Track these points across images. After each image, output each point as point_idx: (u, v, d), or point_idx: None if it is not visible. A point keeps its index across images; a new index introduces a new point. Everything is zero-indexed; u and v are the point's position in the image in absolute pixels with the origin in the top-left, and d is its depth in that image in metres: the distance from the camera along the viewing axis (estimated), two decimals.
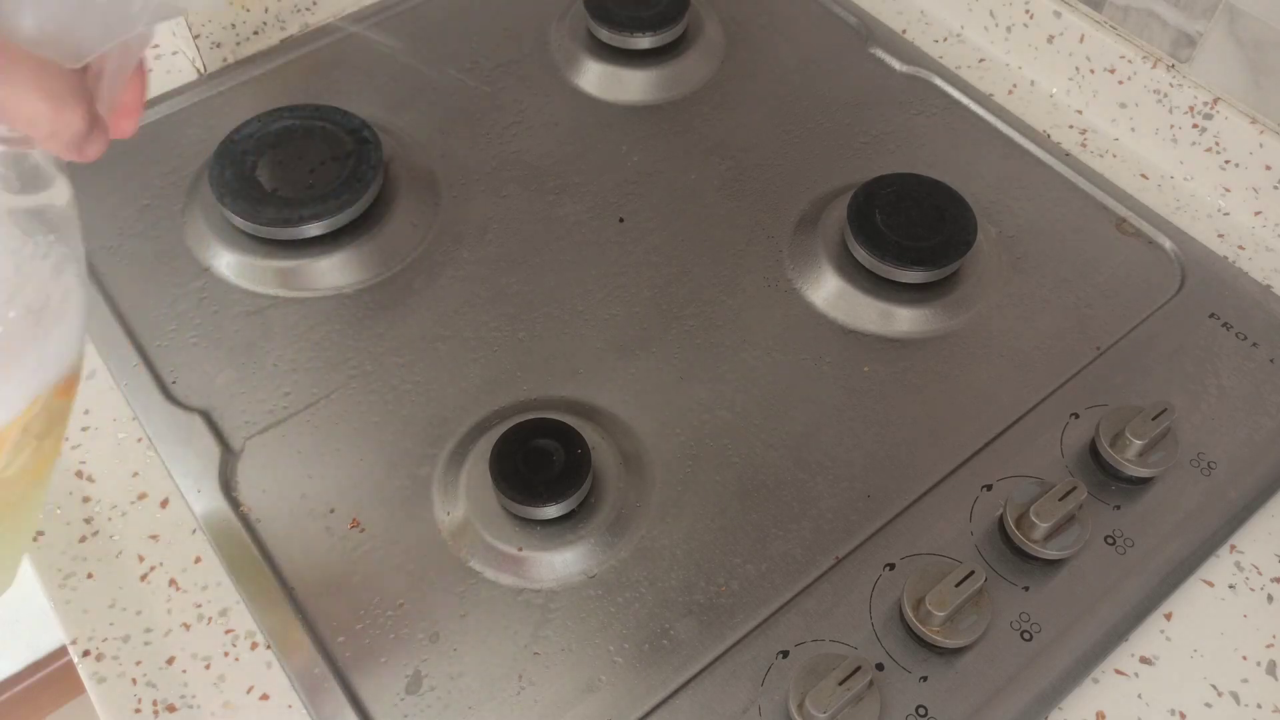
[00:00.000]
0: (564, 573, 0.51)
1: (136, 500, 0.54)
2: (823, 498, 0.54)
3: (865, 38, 0.77)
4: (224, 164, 0.64)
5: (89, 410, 0.57)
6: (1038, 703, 0.48)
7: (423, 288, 0.63)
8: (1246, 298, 0.63)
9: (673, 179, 0.67)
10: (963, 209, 0.63)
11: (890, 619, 0.50)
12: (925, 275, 0.61)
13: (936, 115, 0.73)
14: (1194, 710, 0.49)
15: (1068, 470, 0.55)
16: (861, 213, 0.62)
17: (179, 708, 0.48)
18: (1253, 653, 0.51)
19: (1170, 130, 0.70)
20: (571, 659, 0.49)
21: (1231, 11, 0.64)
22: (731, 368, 0.59)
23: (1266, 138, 0.65)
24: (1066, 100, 0.75)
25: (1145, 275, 0.64)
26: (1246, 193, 0.68)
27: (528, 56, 0.76)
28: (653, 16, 0.74)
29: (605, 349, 0.60)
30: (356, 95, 0.72)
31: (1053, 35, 0.74)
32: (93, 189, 0.66)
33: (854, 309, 0.62)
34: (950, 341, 0.61)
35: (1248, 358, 0.60)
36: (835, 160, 0.70)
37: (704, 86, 0.74)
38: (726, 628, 0.50)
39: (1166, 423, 0.53)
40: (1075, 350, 0.60)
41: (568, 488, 0.51)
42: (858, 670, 0.45)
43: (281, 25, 0.77)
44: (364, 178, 0.64)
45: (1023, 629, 0.50)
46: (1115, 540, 0.52)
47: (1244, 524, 0.54)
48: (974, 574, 0.47)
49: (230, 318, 0.61)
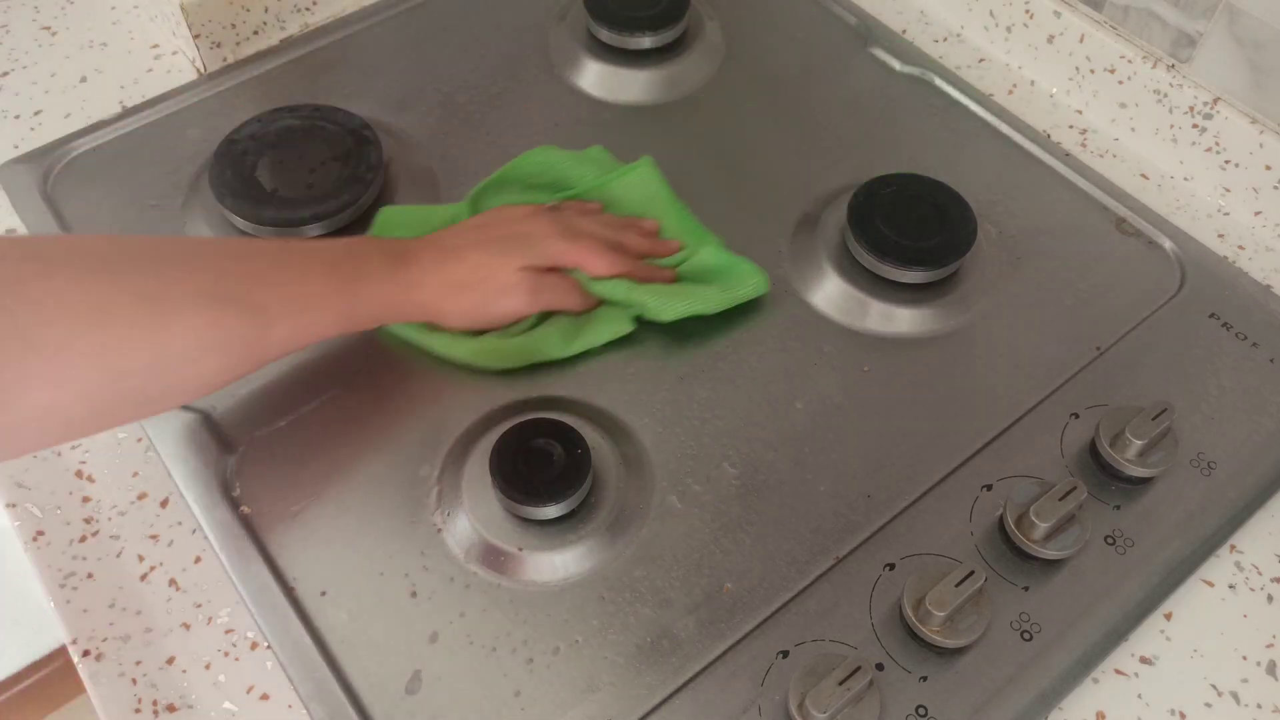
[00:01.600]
0: (564, 573, 0.51)
1: (136, 500, 0.54)
2: (823, 498, 0.54)
3: (865, 38, 0.77)
4: (224, 164, 0.64)
5: None
6: (1038, 703, 0.48)
7: None
8: (1246, 298, 0.63)
9: (673, 179, 0.67)
10: (963, 209, 0.63)
11: (890, 619, 0.50)
12: (925, 275, 0.61)
13: (936, 115, 0.73)
14: (1194, 710, 0.49)
15: (1068, 470, 0.55)
16: (861, 213, 0.62)
17: (179, 707, 0.48)
18: (1253, 653, 0.51)
19: (1170, 130, 0.70)
20: (571, 659, 0.49)
21: (1231, 11, 0.64)
22: (731, 367, 0.59)
23: (1266, 138, 0.65)
24: (1066, 100, 0.75)
25: (1145, 275, 0.64)
26: (1246, 193, 0.68)
27: (528, 56, 0.76)
28: (653, 16, 0.74)
29: (605, 349, 0.60)
30: (356, 95, 0.72)
31: (1053, 35, 0.74)
32: (93, 189, 0.66)
33: (854, 309, 0.62)
34: (950, 341, 0.61)
35: (1248, 358, 0.60)
36: (835, 160, 0.70)
37: (704, 86, 0.74)
38: (726, 628, 0.50)
39: (1166, 423, 0.53)
40: (1075, 350, 0.60)
41: (568, 488, 0.51)
42: (858, 670, 0.45)
43: (281, 25, 0.77)
44: (364, 178, 0.64)
45: (1023, 629, 0.49)
46: (1115, 540, 0.52)
47: (1244, 524, 0.54)
48: (974, 574, 0.47)
49: None
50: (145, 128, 0.70)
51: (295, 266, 0.51)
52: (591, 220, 0.62)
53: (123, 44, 0.77)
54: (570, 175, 0.66)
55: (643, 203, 0.65)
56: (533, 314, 0.59)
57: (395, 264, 0.55)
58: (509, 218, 0.60)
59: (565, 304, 0.59)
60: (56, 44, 0.77)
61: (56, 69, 0.75)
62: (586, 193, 0.65)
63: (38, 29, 0.78)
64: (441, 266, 0.56)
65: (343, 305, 0.53)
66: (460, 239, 0.58)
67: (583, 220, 0.61)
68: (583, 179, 0.66)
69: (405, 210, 0.63)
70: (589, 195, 0.65)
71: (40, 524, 0.53)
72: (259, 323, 0.49)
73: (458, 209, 0.63)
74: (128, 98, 0.73)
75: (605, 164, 0.67)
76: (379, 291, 0.54)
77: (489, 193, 0.65)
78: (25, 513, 0.54)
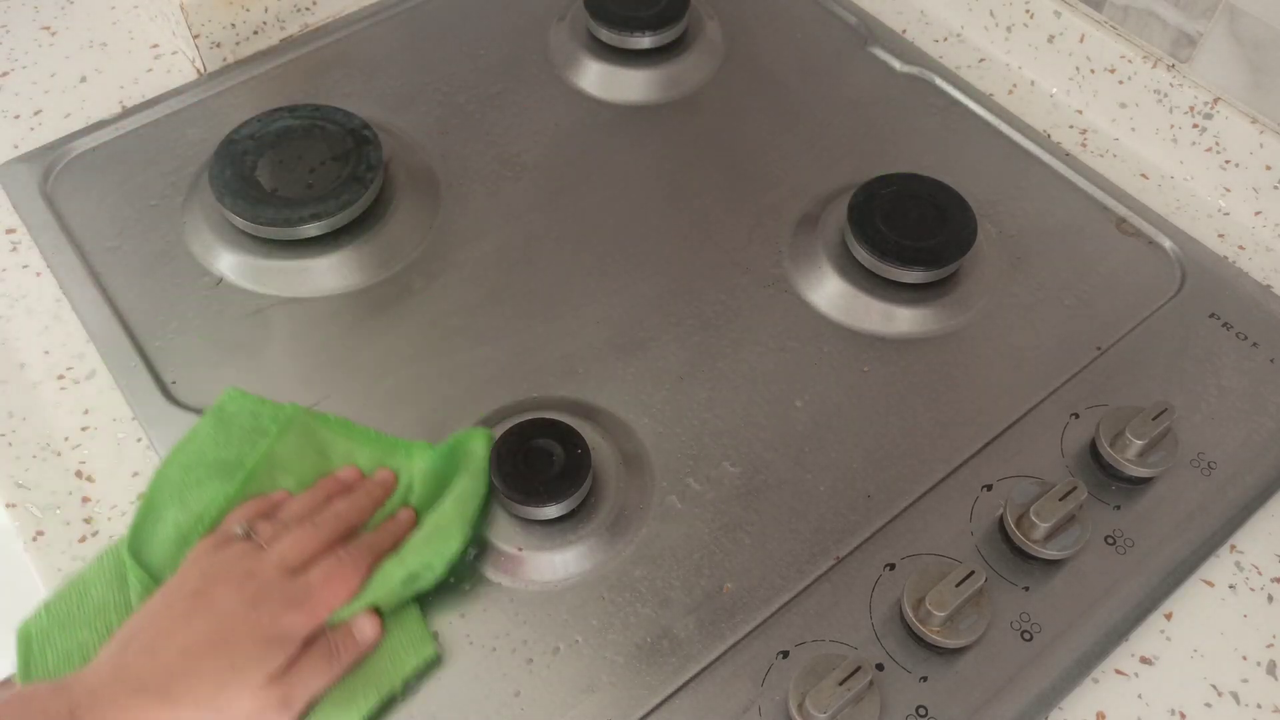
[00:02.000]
0: (564, 573, 0.51)
1: (136, 500, 0.54)
2: (823, 498, 0.54)
3: (865, 38, 0.77)
4: (224, 164, 0.64)
5: (89, 410, 0.58)
6: (1038, 703, 0.48)
7: (422, 288, 0.63)
8: (1246, 298, 0.63)
9: (673, 179, 0.67)
10: (963, 209, 0.63)
11: (890, 619, 0.50)
12: (925, 275, 0.61)
13: (936, 115, 0.73)
14: (1194, 710, 0.49)
15: (1068, 470, 0.55)
16: (861, 213, 0.62)
17: None
18: (1253, 653, 0.51)
19: (1170, 130, 0.70)
20: (571, 659, 0.49)
21: (1231, 11, 0.64)
22: (731, 367, 0.59)
23: (1266, 138, 0.65)
24: (1066, 100, 0.75)
25: (1145, 275, 0.64)
26: (1246, 193, 0.68)
27: (528, 56, 0.76)
28: (653, 16, 0.74)
29: (605, 349, 0.60)
30: (356, 95, 0.72)
31: (1053, 35, 0.74)
32: (93, 189, 0.66)
33: (854, 309, 0.61)
34: (950, 341, 0.61)
35: (1248, 358, 0.60)
36: (835, 160, 0.70)
37: (704, 86, 0.74)
38: (726, 628, 0.50)
39: (1166, 423, 0.53)
40: (1075, 350, 0.60)
41: (568, 488, 0.51)
42: (858, 670, 0.45)
43: (281, 25, 0.77)
44: (364, 178, 0.64)
45: (1023, 629, 0.49)
46: (1115, 540, 0.52)
47: (1244, 524, 0.54)
48: (974, 574, 0.47)
49: (230, 318, 0.61)
50: (145, 127, 0.70)
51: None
52: (291, 545, 0.47)
53: (123, 44, 0.77)
54: (229, 462, 0.52)
55: (317, 453, 0.54)
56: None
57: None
58: (204, 602, 0.44)
59: (326, 681, 0.45)
60: (56, 44, 0.77)
61: (56, 69, 0.75)
62: (255, 476, 0.52)
63: (37, 29, 0.78)
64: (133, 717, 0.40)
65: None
66: (153, 660, 0.42)
67: (288, 554, 0.46)
68: (243, 456, 0.52)
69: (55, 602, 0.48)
70: (260, 478, 0.52)
71: (40, 524, 0.53)
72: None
73: (116, 559, 0.49)
74: (128, 98, 0.73)
75: (262, 421, 0.54)
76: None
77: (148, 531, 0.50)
78: (25, 513, 0.54)
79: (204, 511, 0.50)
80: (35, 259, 0.64)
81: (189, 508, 0.51)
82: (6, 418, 0.57)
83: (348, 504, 0.50)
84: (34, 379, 0.59)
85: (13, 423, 0.57)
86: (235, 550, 0.47)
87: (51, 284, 0.63)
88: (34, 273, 0.63)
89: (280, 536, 0.47)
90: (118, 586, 0.48)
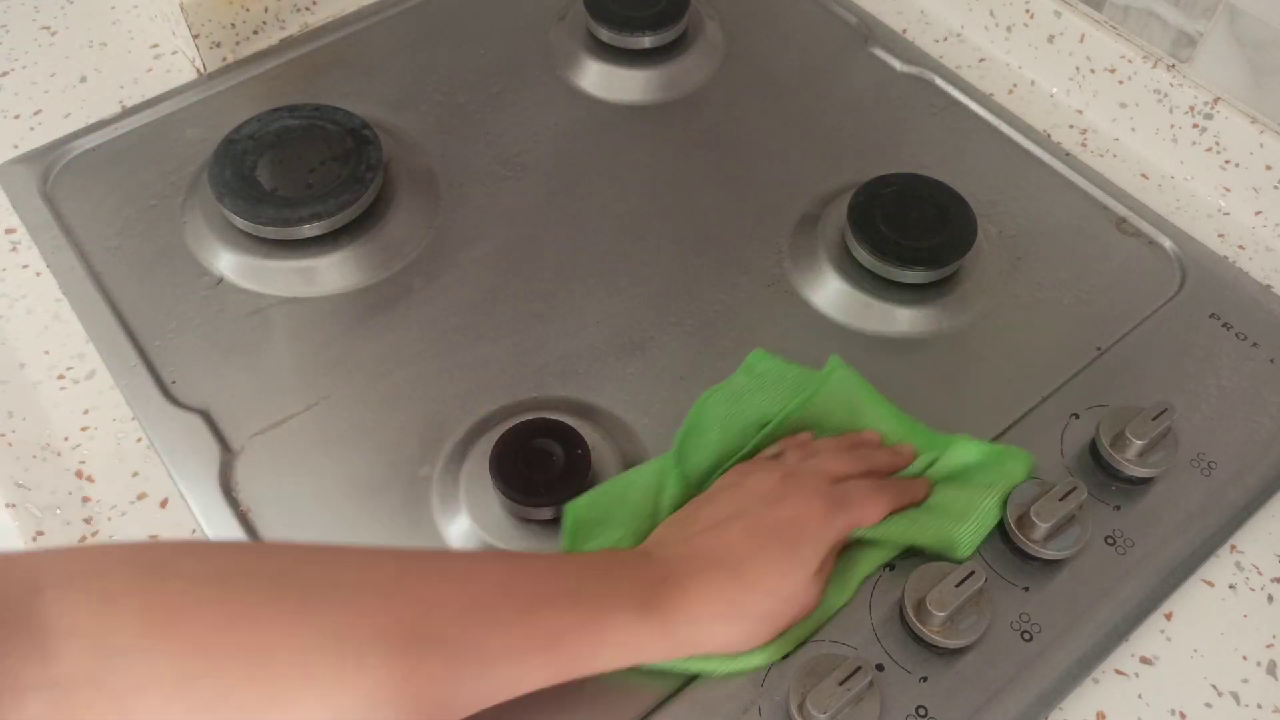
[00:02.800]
0: None
1: (136, 500, 0.54)
2: None
3: (865, 38, 0.77)
4: (224, 164, 0.64)
5: (89, 410, 0.58)
6: (1038, 703, 0.48)
7: (422, 288, 0.63)
8: (1246, 298, 0.63)
9: (673, 179, 0.67)
10: (963, 209, 0.63)
11: (890, 619, 0.49)
12: (925, 275, 0.61)
13: (936, 115, 0.73)
14: (1194, 710, 0.49)
15: (1068, 470, 0.55)
16: (861, 213, 0.62)
17: None
18: (1253, 653, 0.51)
19: (1170, 130, 0.70)
20: None
21: (1231, 11, 0.64)
22: (731, 367, 0.59)
23: (1266, 138, 0.65)
24: (1066, 100, 0.75)
25: (1145, 275, 0.64)
26: (1246, 193, 0.68)
27: (528, 56, 0.76)
28: (653, 16, 0.74)
29: (605, 349, 0.60)
30: (356, 95, 0.72)
31: (1053, 35, 0.74)
32: (93, 189, 0.66)
33: (854, 309, 0.61)
34: (950, 341, 0.61)
35: (1248, 358, 0.60)
36: (835, 160, 0.70)
37: (704, 86, 0.74)
38: None
39: (1166, 423, 0.53)
40: (1075, 350, 0.60)
41: (568, 488, 0.51)
42: (858, 670, 0.45)
43: (281, 25, 0.77)
44: (364, 178, 0.64)
45: (1023, 629, 0.49)
46: (1115, 540, 0.52)
47: (1244, 524, 0.54)
48: (974, 574, 0.47)
49: (230, 318, 0.61)
50: (145, 127, 0.70)
51: (522, 593, 0.42)
52: (830, 461, 0.51)
53: (122, 44, 0.77)
54: (764, 409, 0.55)
55: (848, 412, 0.56)
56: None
57: (648, 591, 0.44)
58: (759, 496, 0.48)
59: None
60: (56, 44, 0.77)
61: (56, 69, 0.75)
62: (788, 421, 0.55)
63: (37, 29, 0.78)
64: (711, 590, 0.44)
65: (581, 649, 0.42)
66: (721, 541, 0.46)
67: (826, 465, 0.50)
68: (777, 406, 0.55)
69: (598, 495, 0.51)
70: (791, 424, 0.55)
71: (40, 524, 0.53)
72: (462, 674, 0.39)
73: (659, 468, 0.53)
74: (127, 97, 0.73)
75: (791, 379, 0.56)
76: (629, 633, 0.43)
77: (691, 445, 0.54)
78: (25, 513, 0.54)
79: (743, 440, 0.54)
80: (35, 259, 0.64)
81: (729, 434, 0.54)
82: (6, 418, 0.57)
83: (883, 456, 0.53)
84: (34, 379, 0.59)
85: (12, 423, 0.57)
86: (774, 463, 0.51)
87: (51, 284, 0.63)
88: (34, 273, 0.63)
89: (818, 455, 0.51)
90: (654, 495, 0.52)
